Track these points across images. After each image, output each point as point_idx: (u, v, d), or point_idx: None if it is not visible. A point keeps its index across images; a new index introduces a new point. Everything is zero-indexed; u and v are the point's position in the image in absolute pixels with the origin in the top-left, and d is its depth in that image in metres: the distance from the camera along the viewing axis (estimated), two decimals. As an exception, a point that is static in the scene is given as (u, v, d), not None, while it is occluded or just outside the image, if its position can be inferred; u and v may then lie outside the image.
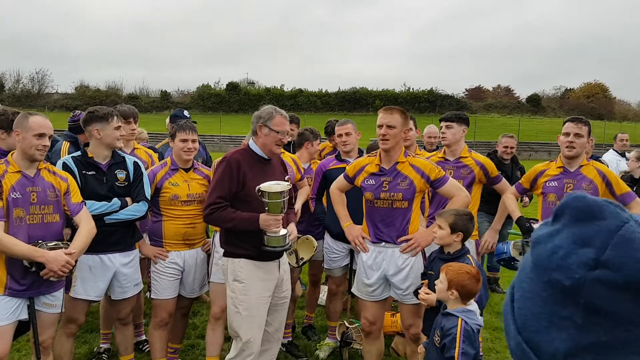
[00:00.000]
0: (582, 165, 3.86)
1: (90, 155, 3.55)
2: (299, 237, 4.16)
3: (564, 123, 3.94)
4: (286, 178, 3.36)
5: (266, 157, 3.45)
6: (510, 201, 4.18)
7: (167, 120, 5.72)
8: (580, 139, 3.80)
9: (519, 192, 4.23)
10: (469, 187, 4.14)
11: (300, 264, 4.12)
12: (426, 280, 3.32)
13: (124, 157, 3.67)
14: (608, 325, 0.56)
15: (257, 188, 3.16)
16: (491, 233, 4.43)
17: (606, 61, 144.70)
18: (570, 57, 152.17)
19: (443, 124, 4.34)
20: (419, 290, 3.27)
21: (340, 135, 4.51)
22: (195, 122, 5.22)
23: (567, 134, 3.83)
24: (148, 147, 4.94)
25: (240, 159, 3.35)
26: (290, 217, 3.56)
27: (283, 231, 3.31)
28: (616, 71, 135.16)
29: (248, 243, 3.31)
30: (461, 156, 4.27)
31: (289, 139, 4.46)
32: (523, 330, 0.64)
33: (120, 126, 3.58)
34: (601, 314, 0.56)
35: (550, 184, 3.91)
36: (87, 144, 3.65)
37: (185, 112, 5.45)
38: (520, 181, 4.25)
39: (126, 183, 3.59)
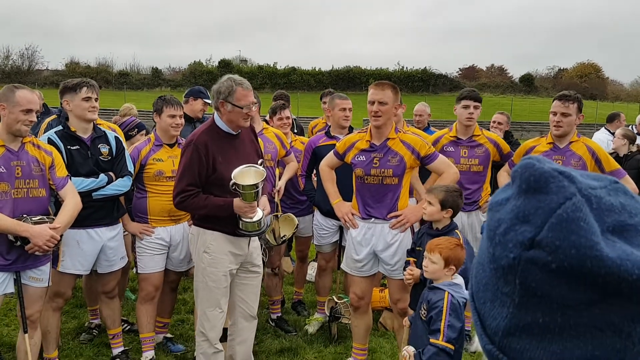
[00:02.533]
0: (572, 142, 3.85)
1: (73, 129, 3.49)
2: (278, 216, 4.15)
3: (553, 100, 3.92)
4: (259, 162, 3.21)
5: (233, 132, 3.29)
6: (502, 179, 4.20)
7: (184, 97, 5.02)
8: (568, 117, 3.76)
9: (511, 169, 4.22)
10: (485, 166, 4.17)
11: (280, 242, 4.11)
12: (412, 259, 3.34)
13: (104, 132, 3.62)
14: (544, 307, 0.53)
15: (231, 183, 3.04)
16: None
17: (601, 42, 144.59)
18: (565, 38, 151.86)
19: (472, 103, 4.21)
20: (403, 272, 3.28)
21: (343, 110, 4.47)
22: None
23: (555, 113, 3.81)
24: (137, 124, 4.82)
25: (208, 141, 3.15)
26: (264, 189, 3.40)
27: (258, 215, 3.22)
28: (610, 52, 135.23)
29: (223, 221, 3.22)
30: (474, 134, 4.25)
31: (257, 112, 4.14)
32: (475, 298, 0.61)
33: (89, 97, 3.44)
34: (537, 296, 0.53)
35: None
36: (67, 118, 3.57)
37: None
38: (512, 158, 4.24)
39: (109, 157, 3.55)
